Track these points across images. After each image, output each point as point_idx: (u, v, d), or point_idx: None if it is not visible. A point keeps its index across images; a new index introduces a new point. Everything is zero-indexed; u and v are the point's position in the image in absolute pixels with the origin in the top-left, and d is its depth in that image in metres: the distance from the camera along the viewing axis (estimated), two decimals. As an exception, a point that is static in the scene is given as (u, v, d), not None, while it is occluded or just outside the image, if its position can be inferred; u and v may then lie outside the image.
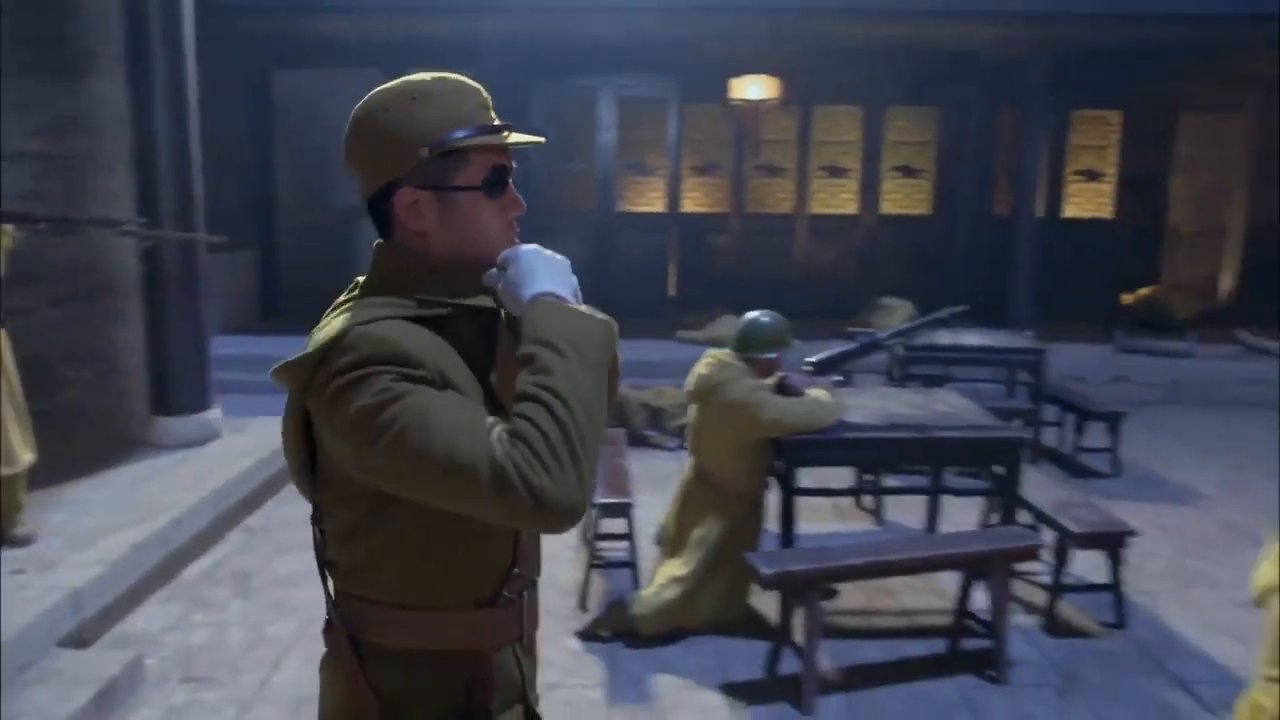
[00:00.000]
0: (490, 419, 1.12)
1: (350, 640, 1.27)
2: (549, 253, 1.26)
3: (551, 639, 3.73)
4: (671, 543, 3.95)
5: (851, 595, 4.19)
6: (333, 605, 1.31)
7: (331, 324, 1.22)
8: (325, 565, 1.32)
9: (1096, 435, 6.29)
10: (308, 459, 1.27)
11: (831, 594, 4.05)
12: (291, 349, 1.23)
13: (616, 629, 3.76)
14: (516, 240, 1.30)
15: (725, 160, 10.95)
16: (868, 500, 5.27)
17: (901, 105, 10.89)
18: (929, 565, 3.48)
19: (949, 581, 4.12)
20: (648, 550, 4.29)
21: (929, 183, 11.05)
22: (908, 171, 11.00)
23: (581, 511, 1.10)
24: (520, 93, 10.47)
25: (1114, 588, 3.94)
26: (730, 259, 10.92)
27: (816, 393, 3.73)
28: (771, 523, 4.03)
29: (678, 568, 3.79)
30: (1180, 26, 9.09)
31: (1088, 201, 11.08)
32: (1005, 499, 3.82)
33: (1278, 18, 8.89)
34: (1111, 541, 3.86)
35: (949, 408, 4.09)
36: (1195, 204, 11.63)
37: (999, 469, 3.89)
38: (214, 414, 5.61)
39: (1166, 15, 8.93)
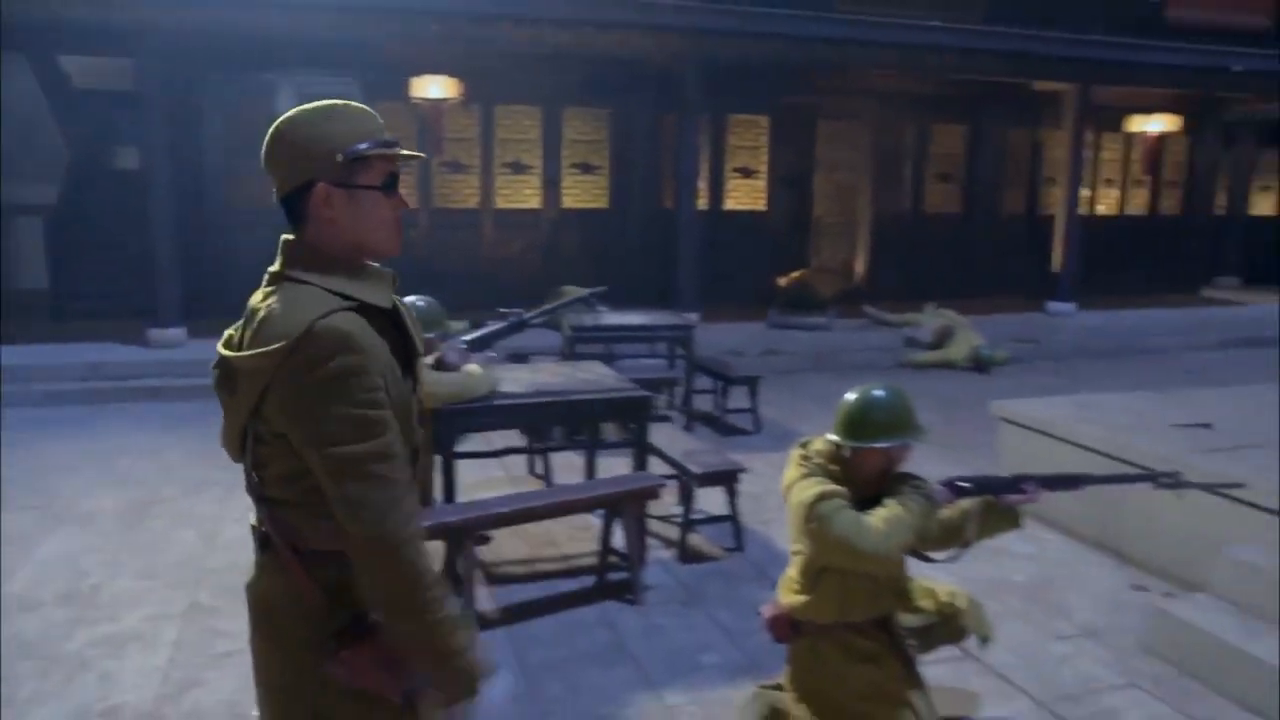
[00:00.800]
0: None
1: (291, 549, 1.62)
2: None
3: (230, 613, 3.92)
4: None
5: (517, 547, 4.70)
6: (272, 527, 1.64)
7: (280, 309, 1.54)
8: (262, 500, 1.65)
9: (742, 399, 7.26)
10: (245, 427, 1.62)
11: (485, 540, 4.52)
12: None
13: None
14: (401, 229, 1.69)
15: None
16: (540, 469, 5.81)
17: (577, 106, 11.64)
18: (567, 508, 4.04)
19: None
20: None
21: (605, 179, 11.89)
22: (586, 168, 11.78)
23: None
24: (195, 86, 10.13)
25: (732, 518, 4.73)
26: (420, 253, 11.15)
27: (471, 368, 4.17)
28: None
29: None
30: (815, 46, 10.49)
31: (745, 196, 12.42)
32: (638, 449, 4.47)
33: (890, 45, 10.56)
34: (727, 478, 4.63)
35: (591, 375, 4.70)
36: (834, 198, 13.38)
37: (633, 425, 4.54)
38: None
39: (803, 37, 10.29)
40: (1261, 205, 17.08)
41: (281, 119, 1.63)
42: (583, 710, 3.32)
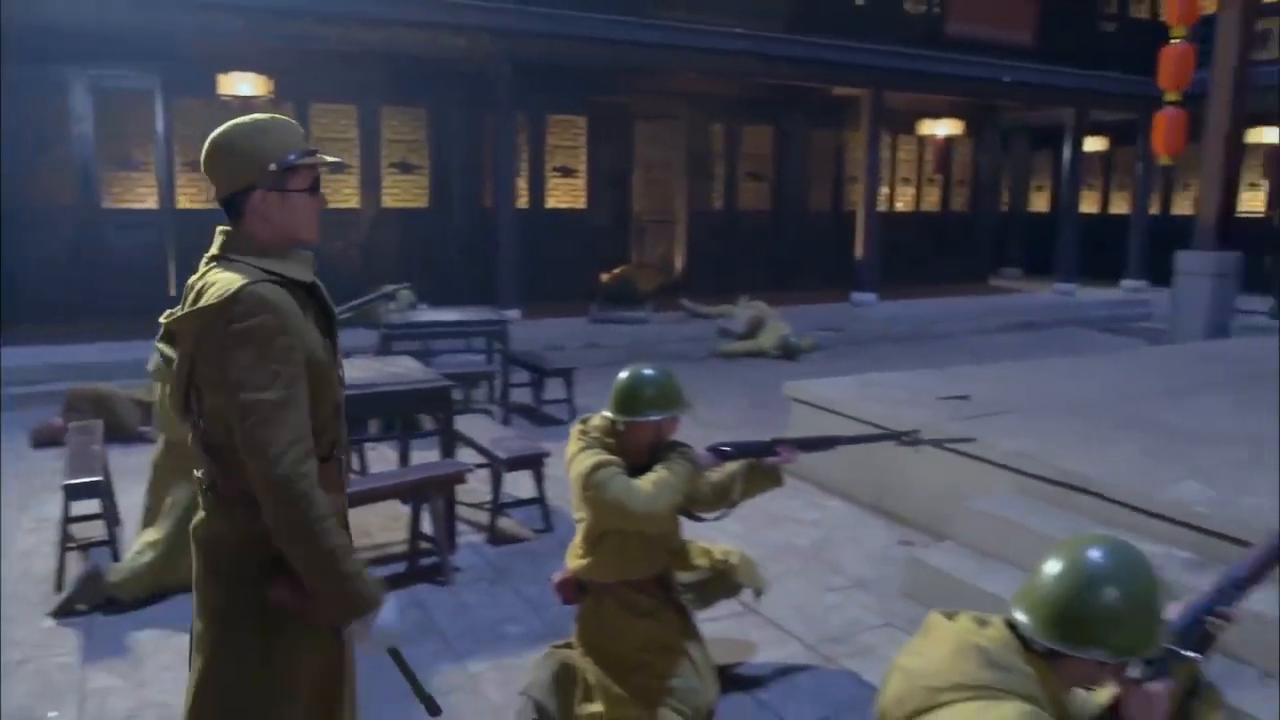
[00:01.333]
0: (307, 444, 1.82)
1: (234, 489, 1.86)
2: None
3: (22, 621, 3.85)
4: (148, 513, 4.23)
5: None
6: (219, 471, 1.89)
7: (216, 281, 1.82)
8: (209, 448, 1.89)
9: (559, 390, 7.51)
10: (188, 384, 1.88)
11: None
12: None
13: (93, 601, 3.96)
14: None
15: (221, 155, 10.82)
16: (354, 461, 5.87)
17: (394, 105, 11.59)
18: (375, 496, 4.17)
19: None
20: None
21: (425, 178, 11.90)
22: (405, 167, 11.75)
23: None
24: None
25: (540, 500, 4.97)
26: (234, 255, 10.85)
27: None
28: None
29: (152, 534, 4.09)
30: (626, 49, 10.86)
31: (566, 195, 12.68)
32: (443, 437, 4.64)
33: (697, 50, 11.06)
34: (534, 462, 4.87)
35: (400, 369, 4.84)
36: (653, 196, 13.84)
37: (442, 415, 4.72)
38: None
39: (615, 41, 10.64)
40: (1038, 203, 18.79)
41: (217, 132, 1.91)
42: (390, 681, 3.46)
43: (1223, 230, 10.00)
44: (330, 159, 2.01)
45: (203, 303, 1.81)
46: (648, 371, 3.09)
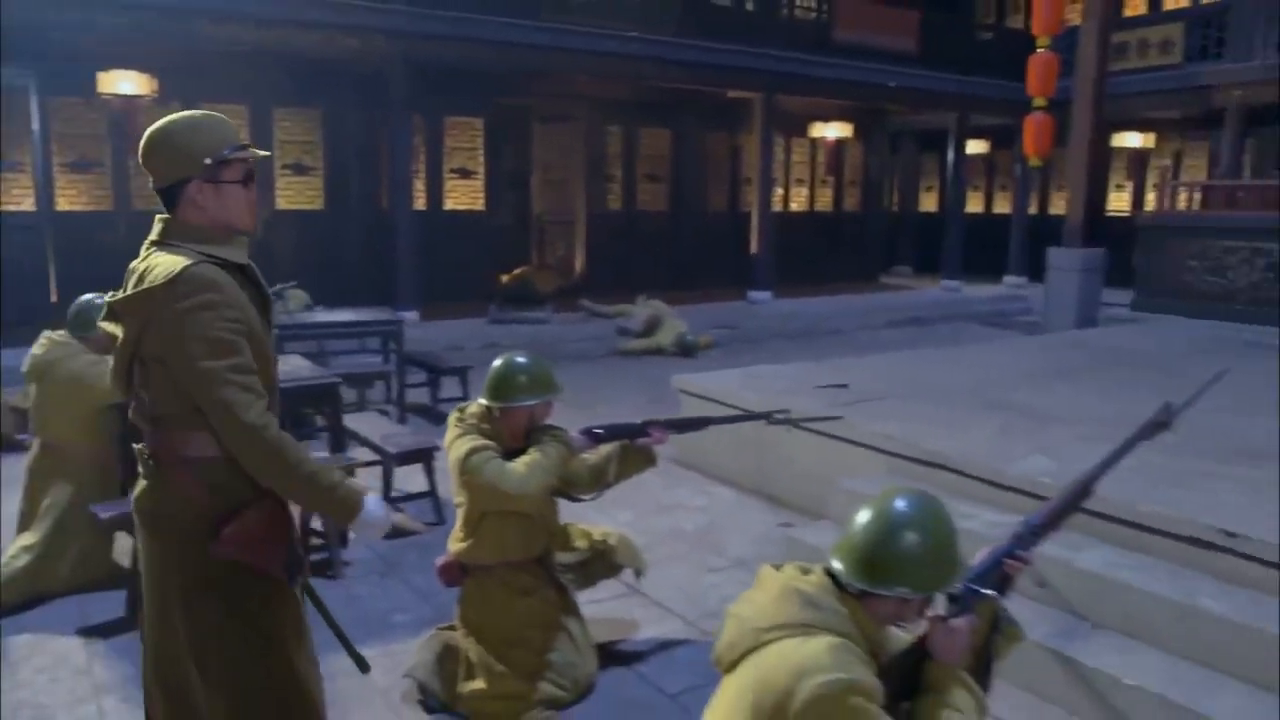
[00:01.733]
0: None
1: (177, 458, 2.03)
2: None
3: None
4: (24, 518, 4.16)
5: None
6: (161, 442, 2.05)
7: (159, 264, 1.98)
8: (152, 420, 2.05)
9: (455, 389, 7.56)
10: (131, 360, 2.06)
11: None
12: None
13: (-33, 607, 3.89)
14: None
15: (104, 157, 10.54)
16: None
17: (287, 106, 11.44)
18: (260, 491, 4.18)
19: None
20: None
21: (320, 180, 11.77)
22: (299, 169, 11.61)
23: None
24: None
25: (431, 494, 5.04)
26: (121, 258, 10.51)
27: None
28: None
29: (28, 538, 4.04)
30: (521, 51, 10.94)
31: (464, 196, 12.69)
32: (332, 434, 4.69)
33: (591, 53, 11.21)
34: (424, 456, 4.94)
35: (288, 367, 4.85)
36: (552, 198, 13.96)
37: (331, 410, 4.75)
38: None
39: (510, 43, 10.71)
40: (927, 203, 19.53)
41: (154, 128, 2.08)
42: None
43: (1089, 229, 10.62)
44: (261, 153, 2.18)
45: (148, 283, 1.98)
46: (520, 359, 3.23)
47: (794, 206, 15.99)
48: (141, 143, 2.07)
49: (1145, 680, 3.07)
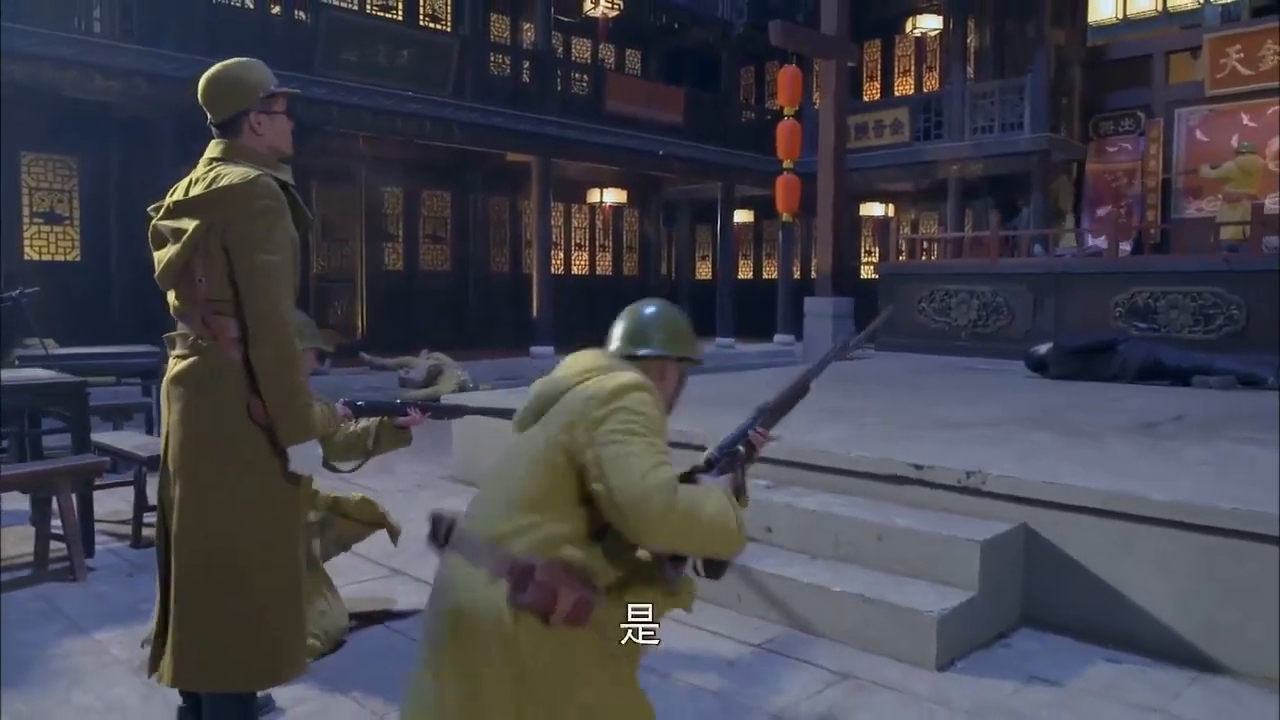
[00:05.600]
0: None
1: (229, 338, 2.33)
2: None
3: None
4: None
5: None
6: (210, 322, 2.34)
7: (229, 172, 2.32)
8: (205, 303, 2.33)
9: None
10: (192, 255, 2.33)
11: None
12: None
13: None
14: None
15: None
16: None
17: (39, 151, 10.85)
18: (-4, 485, 4.00)
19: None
20: None
21: (76, 229, 11.16)
22: (52, 218, 10.97)
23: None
24: None
25: (188, 502, 4.90)
26: None
27: None
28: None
29: None
30: (299, 104, 10.92)
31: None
32: (74, 433, 4.52)
33: (368, 109, 11.37)
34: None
35: (28, 373, 4.65)
36: (332, 257, 13.83)
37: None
38: None
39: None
40: (702, 270, 20.70)
41: (212, 71, 2.45)
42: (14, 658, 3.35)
43: (838, 279, 11.69)
44: (292, 90, 2.55)
45: (224, 183, 2.30)
46: None
47: (575, 270, 16.56)
48: (201, 83, 2.43)
49: (849, 587, 3.49)
